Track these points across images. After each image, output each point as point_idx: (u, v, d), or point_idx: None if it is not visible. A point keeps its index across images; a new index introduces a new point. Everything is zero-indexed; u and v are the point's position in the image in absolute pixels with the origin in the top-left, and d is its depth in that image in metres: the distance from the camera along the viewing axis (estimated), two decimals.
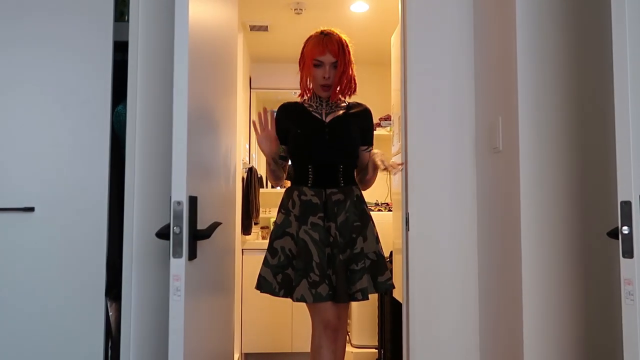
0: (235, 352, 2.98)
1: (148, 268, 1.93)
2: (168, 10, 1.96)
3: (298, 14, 3.49)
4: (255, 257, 3.41)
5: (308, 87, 2.18)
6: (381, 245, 2.12)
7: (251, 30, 3.83)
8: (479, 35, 2.10)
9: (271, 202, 4.25)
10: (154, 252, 1.93)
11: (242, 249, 3.64)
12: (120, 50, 2.02)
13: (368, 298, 2.01)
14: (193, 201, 1.45)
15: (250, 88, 4.42)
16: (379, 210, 3.85)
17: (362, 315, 3.54)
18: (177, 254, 1.38)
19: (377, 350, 3.36)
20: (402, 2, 2.22)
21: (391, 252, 2.91)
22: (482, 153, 2.05)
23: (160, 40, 1.99)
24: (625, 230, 1.17)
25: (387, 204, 3.99)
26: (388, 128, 4.00)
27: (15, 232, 1.88)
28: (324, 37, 2.11)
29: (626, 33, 1.19)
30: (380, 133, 3.96)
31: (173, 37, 1.43)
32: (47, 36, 1.95)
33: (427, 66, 2.13)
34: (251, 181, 3.81)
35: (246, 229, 3.70)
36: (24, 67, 1.93)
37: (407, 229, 2.09)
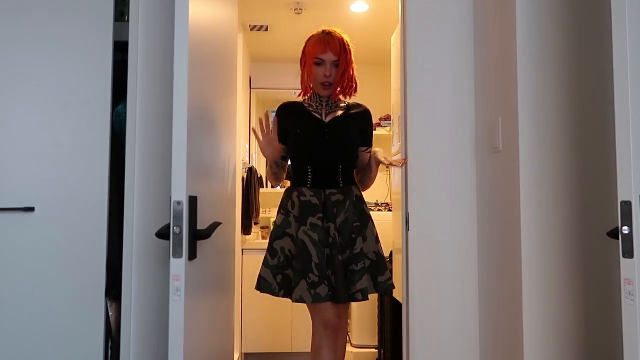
0: (235, 352, 2.98)
1: (148, 268, 1.93)
2: (168, 10, 1.96)
3: (298, 14, 3.49)
4: (255, 257, 3.41)
5: (309, 86, 2.17)
6: (381, 245, 2.12)
7: (251, 30, 3.83)
8: (479, 35, 2.10)
9: (271, 202, 4.25)
10: (154, 252, 1.93)
11: (242, 249, 3.64)
12: (120, 50, 2.02)
13: (368, 298, 2.01)
14: (193, 201, 1.45)
15: (250, 88, 4.42)
16: (379, 210, 3.85)
17: (362, 315, 3.54)
18: (177, 254, 1.38)
19: (377, 350, 3.36)
20: (402, 2, 2.22)
21: (391, 252, 2.91)
22: (482, 153, 2.05)
23: (160, 40, 1.99)
24: (625, 230, 1.17)
25: (387, 204, 3.99)
26: (388, 128, 4.00)
27: (15, 232, 1.88)
28: (326, 36, 2.11)
29: (626, 33, 1.19)
30: (380, 133, 3.97)
31: (173, 37, 1.43)
32: (47, 36, 1.95)
33: (427, 66, 2.13)
34: (251, 181, 3.81)
35: (246, 229, 3.70)
36: (24, 67, 1.93)
37: (407, 229, 2.09)
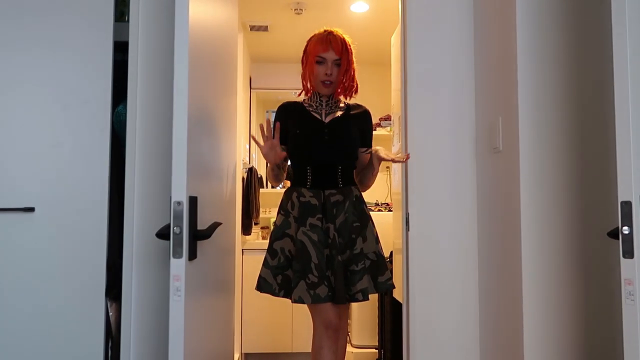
0: (235, 352, 2.98)
1: (148, 268, 1.93)
2: (168, 10, 1.96)
3: (298, 14, 3.49)
4: (255, 257, 3.41)
5: (311, 84, 2.17)
6: (381, 245, 2.12)
7: (251, 30, 3.83)
8: (479, 35, 2.10)
9: (271, 202, 4.25)
10: (154, 252, 1.93)
11: (242, 249, 3.64)
12: (120, 50, 2.02)
13: (369, 298, 2.00)
14: (193, 201, 1.45)
15: (250, 88, 4.42)
16: (379, 210, 3.85)
17: (363, 315, 3.54)
18: (177, 254, 1.38)
19: (377, 350, 3.36)
20: (402, 2, 2.22)
21: (391, 252, 2.91)
22: (482, 153, 2.05)
23: (160, 40, 1.99)
24: (625, 230, 1.17)
25: (387, 204, 3.99)
26: (388, 128, 4.00)
27: (15, 232, 1.88)
28: (328, 35, 2.11)
29: (626, 33, 1.19)
30: (380, 133, 3.97)
31: (173, 37, 1.43)
32: (48, 36, 1.95)
33: (427, 66, 2.13)
34: (251, 181, 3.81)
35: (246, 229, 3.70)
36: (24, 67, 1.93)
37: (407, 229, 2.09)
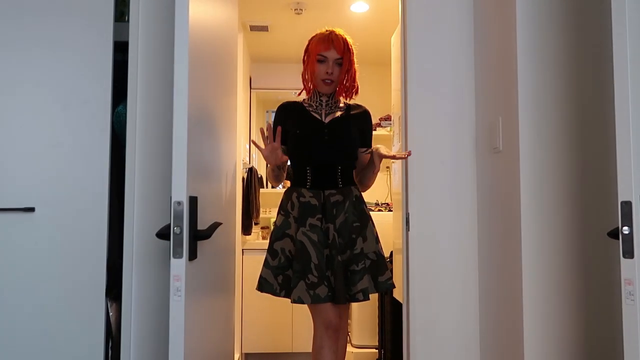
0: (235, 352, 2.98)
1: (148, 268, 1.93)
2: (168, 10, 1.96)
3: (298, 14, 3.49)
4: (255, 257, 3.41)
5: (312, 83, 2.17)
6: (381, 245, 2.12)
7: (251, 30, 3.83)
8: (479, 35, 2.10)
9: (271, 202, 4.25)
10: (154, 253, 1.93)
11: (243, 249, 3.64)
12: (120, 50, 2.02)
13: (369, 298, 2.00)
14: (193, 201, 1.45)
15: (250, 88, 4.42)
16: (379, 210, 3.85)
17: (363, 315, 3.54)
18: (178, 254, 1.39)
19: (378, 350, 3.36)
20: (402, 2, 2.22)
21: (391, 252, 2.91)
22: (482, 153, 2.05)
23: (160, 40, 1.99)
24: (625, 230, 1.17)
25: (387, 204, 3.99)
26: (388, 128, 4.00)
27: (15, 233, 1.88)
28: (330, 34, 2.12)
29: (626, 33, 1.19)
30: (380, 133, 3.97)
31: (173, 37, 1.43)
32: (48, 36, 1.95)
33: (427, 66, 2.13)
34: (251, 181, 3.81)
35: (246, 229, 3.70)
36: (24, 67, 1.93)
37: (407, 229, 2.09)
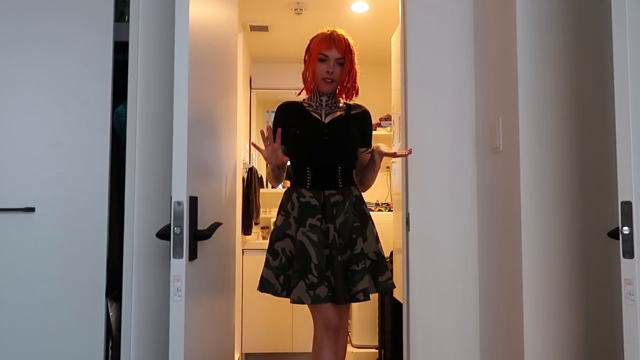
0: (235, 352, 2.98)
1: (148, 268, 1.93)
2: (168, 10, 1.96)
3: (298, 14, 3.49)
4: (255, 257, 3.41)
5: (311, 84, 2.16)
6: (381, 245, 2.12)
7: (251, 30, 3.82)
8: (479, 35, 2.10)
9: (271, 202, 4.25)
10: (155, 253, 1.93)
11: (243, 249, 3.64)
12: (120, 50, 2.02)
13: (370, 298, 2.00)
14: (193, 201, 1.45)
15: (250, 88, 4.42)
16: (379, 210, 3.85)
17: (363, 315, 3.54)
18: (178, 255, 1.39)
19: (378, 350, 3.36)
20: (402, 2, 2.22)
21: (391, 252, 2.91)
22: (482, 153, 2.05)
23: (160, 40, 1.99)
24: (625, 230, 1.17)
25: (387, 204, 3.99)
26: (388, 128, 4.00)
27: (15, 233, 1.88)
28: (332, 34, 2.12)
29: (626, 33, 1.19)
30: (380, 133, 3.97)
31: (173, 37, 1.43)
32: (48, 36, 1.95)
33: (427, 66, 2.13)
34: (251, 181, 3.81)
35: (246, 229, 3.70)
36: (25, 67, 1.93)
37: (407, 229, 2.09)
